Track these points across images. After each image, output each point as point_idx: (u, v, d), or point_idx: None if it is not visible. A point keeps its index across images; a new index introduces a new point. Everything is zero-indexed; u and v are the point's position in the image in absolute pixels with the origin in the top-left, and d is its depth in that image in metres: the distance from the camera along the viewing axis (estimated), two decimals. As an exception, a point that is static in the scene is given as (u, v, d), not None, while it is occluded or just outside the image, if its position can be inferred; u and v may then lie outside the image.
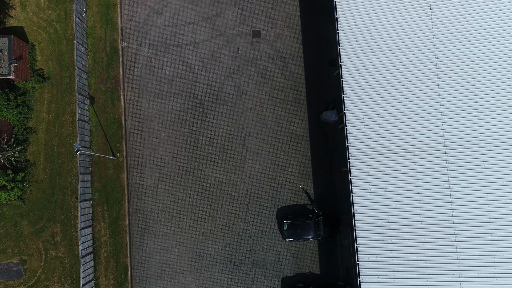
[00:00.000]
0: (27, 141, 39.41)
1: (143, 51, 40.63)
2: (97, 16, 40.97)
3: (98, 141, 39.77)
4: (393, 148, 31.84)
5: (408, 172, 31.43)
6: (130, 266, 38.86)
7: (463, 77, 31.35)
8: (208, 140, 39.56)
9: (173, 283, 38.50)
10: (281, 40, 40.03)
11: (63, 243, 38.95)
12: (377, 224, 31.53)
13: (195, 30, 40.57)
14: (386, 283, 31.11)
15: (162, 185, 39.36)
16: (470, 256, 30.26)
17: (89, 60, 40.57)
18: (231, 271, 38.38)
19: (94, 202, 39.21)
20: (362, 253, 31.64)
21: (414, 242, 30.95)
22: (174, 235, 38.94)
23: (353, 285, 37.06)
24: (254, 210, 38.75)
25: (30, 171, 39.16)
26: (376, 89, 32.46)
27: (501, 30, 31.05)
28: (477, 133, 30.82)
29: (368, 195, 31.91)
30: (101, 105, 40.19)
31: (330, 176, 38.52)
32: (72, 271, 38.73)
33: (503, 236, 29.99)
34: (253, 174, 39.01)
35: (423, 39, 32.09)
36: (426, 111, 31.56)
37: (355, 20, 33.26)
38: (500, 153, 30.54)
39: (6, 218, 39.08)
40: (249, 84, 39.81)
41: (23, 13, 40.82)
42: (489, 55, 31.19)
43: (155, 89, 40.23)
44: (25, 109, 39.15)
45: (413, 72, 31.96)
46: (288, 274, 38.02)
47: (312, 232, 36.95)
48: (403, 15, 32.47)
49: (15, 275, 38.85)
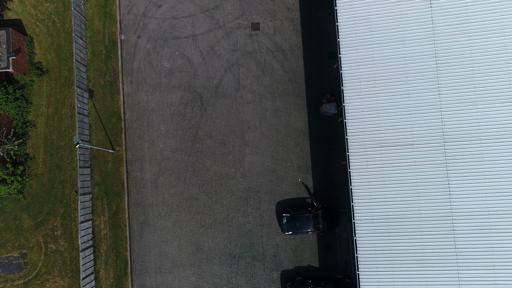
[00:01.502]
0: (26, 134, 39.39)
1: (142, 44, 40.46)
2: (95, 9, 40.75)
3: (97, 135, 39.73)
4: (392, 141, 31.68)
5: (407, 166, 31.28)
6: (130, 260, 38.97)
7: (463, 71, 31.06)
8: (208, 134, 39.47)
9: (172, 276, 38.62)
10: (280, 32, 39.79)
11: (63, 236, 39.06)
12: (376, 218, 31.44)
13: (194, 22, 40.34)
14: (385, 277, 31.07)
15: (162, 179, 39.36)
16: (468, 252, 30.14)
17: (88, 53, 40.41)
18: (230, 264, 38.47)
19: (93, 195, 39.25)
20: (361, 246, 31.58)
21: (413, 237, 30.85)
22: (173, 229, 39.00)
23: (352, 278, 37.11)
24: (254, 203, 38.75)
25: (29, 165, 39.18)
26: (376, 82, 32.25)
27: (501, 22, 30.67)
28: (477, 127, 30.56)
29: (367, 188, 31.79)
30: (100, 99, 40.10)
31: (329, 170, 38.46)
32: (72, 264, 38.88)
33: (502, 232, 29.85)
34: (252, 167, 38.97)
35: (423, 31, 31.79)
36: (425, 105, 31.33)
37: (354, 12, 32.96)
38: (499, 147, 30.28)
39: (6, 211, 39.19)
40: (248, 77, 39.65)
41: (21, 5, 40.63)
42: (489, 47, 30.83)
43: (154, 82, 40.11)
44: (24, 103, 39.10)
45: (413, 65, 31.70)
46: (287, 267, 38.09)
47: (311, 225, 36.93)
48: (402, 7, 32.14)
49: (15, 269, 39.02)
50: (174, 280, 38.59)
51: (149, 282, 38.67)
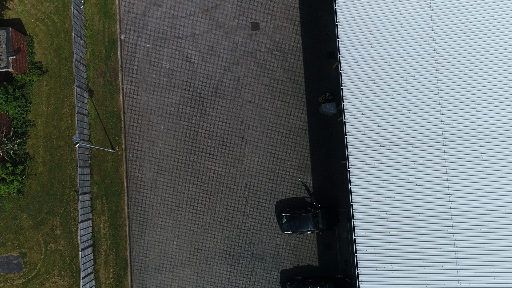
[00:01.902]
0: (26, 134, 39.47)
1: (142, 44, 40.59)
2: (95, 8, 40.87)
3: (97, 134, 39.82)
4: (391, 140, 31.81)
5: (406, 165, 31.40)
6: (130, 259, 39.03)
7: (462, 69, 31.21)
8: (207, 133, 39.59)
9: (172, 276, 38.68)
10: (280, 32, 39.94)
11: (62, 236, 39.10)
12: (376, 216, 31.54)
13: (193, 22, 40.48)
14: (384, 275, 31.16)
15: (161, 178, 39.45)
16: (467, 247, 30.27)
17: (88, 52, 40.52)
18: (230, 263, 38.54)
19: (93, 195, 39.31)
20: (360, 245, 31.67)
21: (412, 234, 30.97)
22: (173, 228, 39.07)
23: (351, 278, 37.20)
24: (253, 203, 38.85)
25: (29, 164, 39.25)
26: (375, 81, 32.38)
27: (500, 21, 30.82)
28: (475, 125, 30.73)
29: (366, 187, 31.90)
30: (100, 98, 40.19)
31: (328, 169, 38.58)
32: (72, 264, 38.93)
33: (500, 227, 30.00)
34: (252, 167, 39.08)
35: (422, 30, 31.93)
36: (424, 103, 31.47)
37: (354, 11, 33.08)
38: (498, 145, 30.44)
39: (5, 211, 39.23)
40: (248, 76, 39.78)
41: (21, 5, 40.75)
42: (487, 46, 30.99)
43: (154, 82, 40.22)
44: (23, 102, 39.18)
45: (412, 64, 31.84)
46: (287, 266, 38.17)
47: (310, 224, 37.02)
48: (402, 7, 32.28)
49: (15, 268, 39.06)
50: (173, 280, 38.64)
51: (149, 281, 38.72)
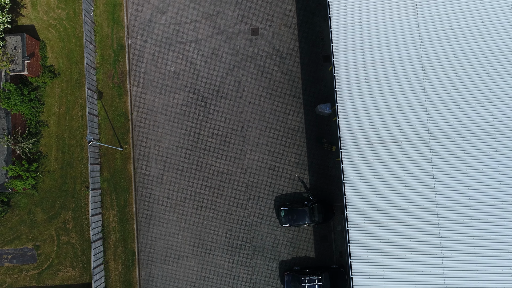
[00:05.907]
0: (39, 133, 41.34)
1: (148, 48, 42.29)
2: (104, 15, 42.75)
3: (106, 134, 41.70)
4: (381, 138, 33.57)
5: (395, 161, 33.18)
6: (137, 251, 40.65)
7: (446, 72, 32.93)
8: (210, 132, 41.17)
9: (177, 267, 40.36)
10: (278, 37, 41.64)
11: (74, 229, 40.92)
12: (367, 209, 33.33)
13: (197, 28, 42.19)
14: (375, 263, 32.90)
15: (167, 175, 41.13)
16: (451, 237, 32.03)
17: (97, 56, 42.42)
18: (231, 255, 40.09)
19: (103, 191, 41.16)
20: (353, 235, 33.40)
21: (401, 225, 32.73)
22: (178, 222, 40.71)
23: (346, 268, 38.68)
24: (253, 198, 40.44)
25: (42, 162, 41.13)
26: (367, 84, 34.06)
27: (481, 28, 32.62)
28: (459, 124, 32.47)
29: (358, 182, 33.63)
30: (109, 99, 42.05)
31: (324, 166, 40.09)
32: (83, 255, 40.67)
33: (483, 222, 31.77)
34: (252, 164, 40.74)
35: (410, 36, 33.64)
36: (412, 104, 33.22)
37: (347, 19, 34.68)
38: (479, 143, 32.18)
39: (20, 206, 41.11)
40: (248, 79, 41.47)
41: (34, 12, 42.66)
42: (470, 51, 32.73)
43: (160, 84, 41.94)
44: (37, 103, 41.08)
45: (401, 68, 33.55)
46: (285, 258, 39.69)
47: (307, 218, 38.30)
48: (391, 14, 34.00)
49: (29, 260, 40.82)
50: (178, 270, 40.37)
51: (155, 272, 40.50)
